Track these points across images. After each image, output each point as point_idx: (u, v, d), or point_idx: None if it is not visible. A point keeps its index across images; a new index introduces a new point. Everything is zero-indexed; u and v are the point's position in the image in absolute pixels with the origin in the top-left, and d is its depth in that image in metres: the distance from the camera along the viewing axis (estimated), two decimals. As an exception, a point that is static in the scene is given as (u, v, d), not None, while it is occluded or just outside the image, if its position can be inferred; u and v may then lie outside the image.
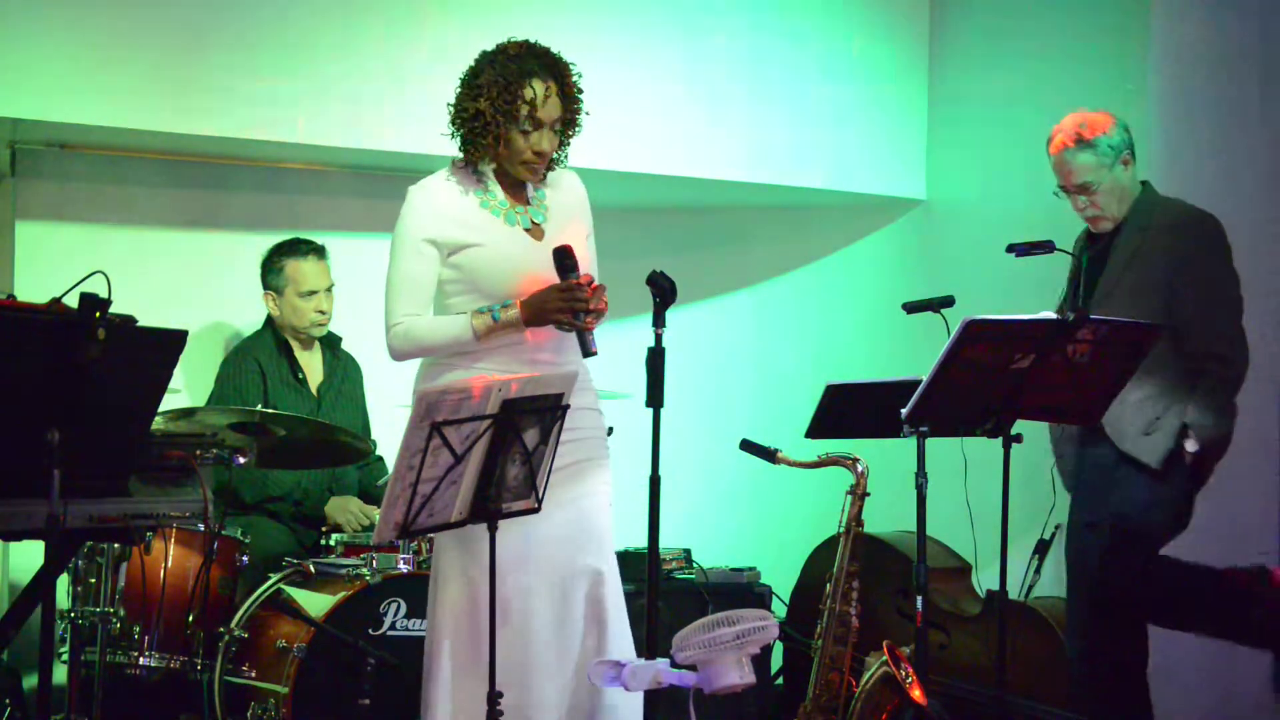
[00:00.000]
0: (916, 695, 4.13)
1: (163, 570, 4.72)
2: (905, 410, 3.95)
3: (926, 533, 4.06)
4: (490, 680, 3.49)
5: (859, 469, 4.66)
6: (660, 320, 3.68)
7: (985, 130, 6.23)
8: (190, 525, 4.62)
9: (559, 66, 3.86)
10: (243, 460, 4.52)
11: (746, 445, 4.72)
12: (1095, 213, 4.54)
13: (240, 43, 5.49)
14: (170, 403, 3.97)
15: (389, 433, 5.36)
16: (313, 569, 4.89)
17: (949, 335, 3.86)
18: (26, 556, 5.22)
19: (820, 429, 4.89)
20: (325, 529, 5.32)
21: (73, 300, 3.21)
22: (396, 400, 4.29)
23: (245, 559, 4.90)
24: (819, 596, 4.72)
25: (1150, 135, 5.39)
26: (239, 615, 4.77)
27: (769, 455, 4.67)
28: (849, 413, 4.86)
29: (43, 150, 5.71)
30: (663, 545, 3.88)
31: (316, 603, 4.70)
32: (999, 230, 4.84)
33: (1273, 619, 4.31)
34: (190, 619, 4.71)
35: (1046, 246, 4.52)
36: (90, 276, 3.24)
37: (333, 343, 5.68)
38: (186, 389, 5.67)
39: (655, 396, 3.65)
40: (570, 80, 3.87)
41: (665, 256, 4.70)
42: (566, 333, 3.77)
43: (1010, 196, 5.85)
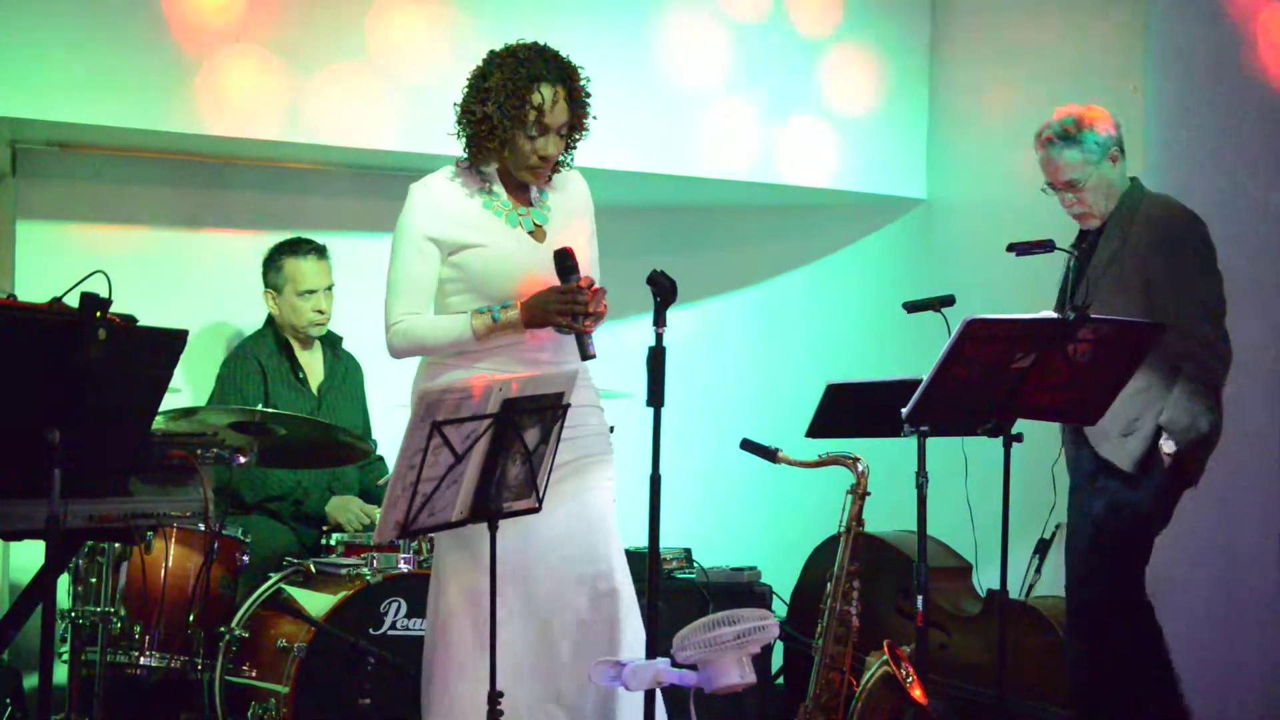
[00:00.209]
0: (917, 695, 4.13)
1: (163, 570, 4.72)
2: (906, 410, 3.95)
3: (927, 532, 4.06)
4: (491, 680, 3.48)
5: (859, 468, 4.66)
6: (661, 319, 3.67)
7: (986, 130, 6.23)
8: (191, 525, 4.62)
9: (568, 71, 3.85)
10: (243, 460, 4.52)
11: (747, 445, 4.72)
12: (1082, 210, 4.49)
13: (240, 42, 5.49)
14: (171, 402, 3.97)
15: (390, 432, 5.36)
16: (313, 568, 4.89)
17: (950, 334, 3.85)
18: (27, 556, 5.22)
19: (821, 428, 4.89)
20: (326, 528, 5.32)
21: (73, 300, 3.21)
22: (397, 400, 4.29)
23: (246, 559, 4.91)
24: (819, 596, 4.72)
25: (1149, 136, 5.38)
26: (239, 615, 4.77)
27: (770, 455, 4.67)
28: (850, 412, 4.85)
29: (43, 150, 5.71)
30: (663, 545, 3.87)
31: (317, 602, 4.70)
32: (1000, 229, 4.84)
33: None
34: (191, 618, 4.71)
35: (1047, 245, 4.51)
36: (91, 276, 3.24)
37: (333, 342, 5.68)
38: (188, 389, 5.67)
39: (656, 396, 3.64)
40: (579, 85, 3.86)
41: (666, 256, 4.70)
42: (566, 335, 3.78)
43: (1011, 196, 5.84)
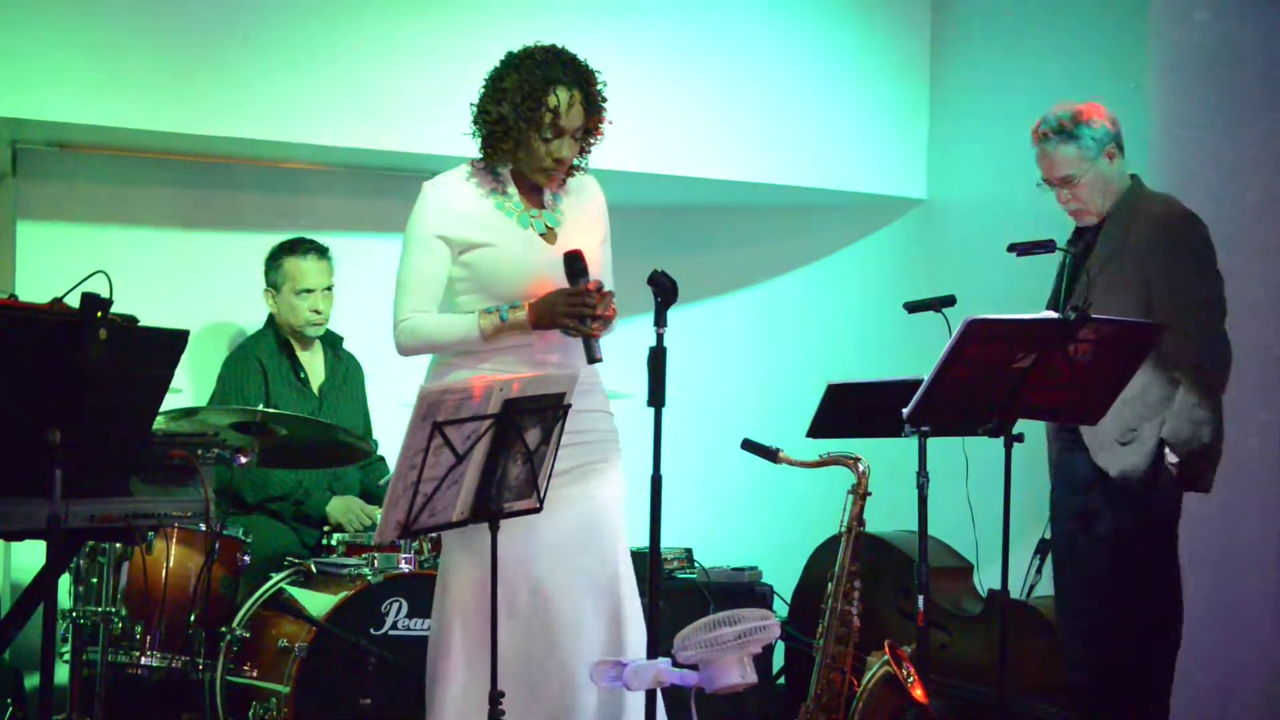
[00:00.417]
0: (918, 695, 4.13)
1: (164, 570, 4.72)
2: (907, 410, 3.94)
3: (928, 532, 4.06)
4: (492, 680, 3.48)
5: (860, 468, 4.66)
6: (662, 320, 3.66)
7: (986, 129, 6.23)
8: (192, 525, 4.62)
9: (585, 75, 3.84)
10: (244, 460, 4.52)
11: (748, 445, 4.72)
12: (1077, 206, 4.44)
13: (242, 42, 5.49)
14: (172, 403, 3.97)
15: (392, 433, 5.36)
16: (314, 569, 4.89)
17: (950, 334, 3.85)
18: (28, 556, 5.22)
19: (822, 428, 4.89)
20: (327, 529, 5.33)
21: (74, 300, 3.21)
22: (399, 400, 4.28)
23: (247, 559, 4.91)
24: (821, 596, 4.72)
25: (1150, 135, 5.38)
26: (241, 615, 4.77)
27: (770, 455, 4.67)
28: (850, 412, 4.85)
29: (44, 150, 5.71)
30: (664, 545, 3.87)
31: (318, 602, 4.70)
32: (1000, 229, 4.83)
33: None
34: (192, 619, 4.70)
35: (1048, 246, 4.50)
36: (92, 276, 3.24)
37: (334, 342, 5.68)
38: (189, 389, 5.67)
39: (657, 396, 3.63)
40: (595, 89, 3.85)
41: (666, 256, 4.69)
42: (573, 337, 3.78)
43: (1011, 196, 5.84)
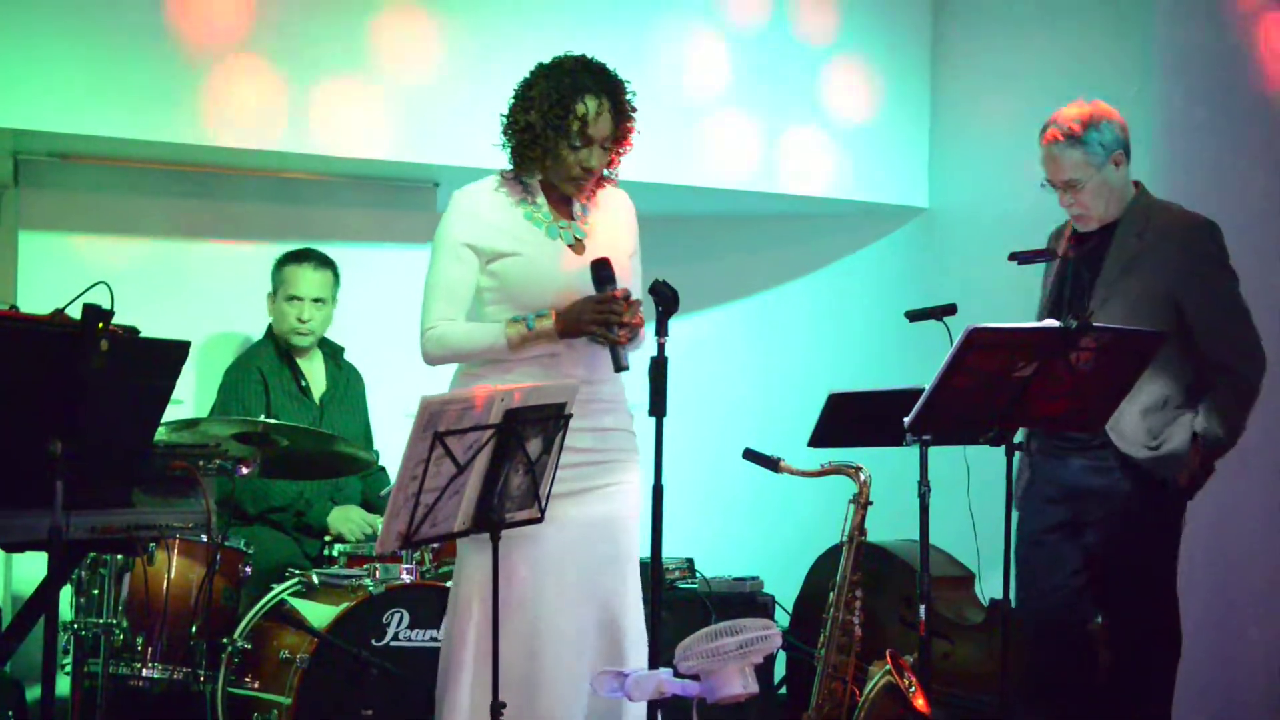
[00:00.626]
0: (920, 704, 4.12)
1: (166, 581, 4.71)
2: (908, 419, 3.94)
3: (929, 541, 4.06)
4: (494, 690, 3.48)
5: (862, 478, 4.65)
6: (663, 329, 3.65)
7: (987, 138, 6.24)
8: (193, 536, 4.61)
9: (614, 84, 3.85)
10: (246, 471, 4.52)
11: (749, 454, 4.71)
12: (1080, 211, 4.42)
13: (245, 53, 5.49)
14: (173, 414, 3.97)
15: (395, 443, 5.36)
16: (315, 579, 4.89)
17: (951, 343, 3.85)
18: (29, 568, 5.22)
19: (823, 438, 4.88)
20: (328, 539, 5.32)
21: (76, 311, 3.21)
22: (401, 410, 4.28)
23: (248, 570, 4.90)
24: (822, 605, 4.71)
25: (1152, 139, 5.38)
26: (242, 626, 4.77)
27: (772, 464, 4.66)
28: (852, 421, 4.85)
29: (45, 161, 5.72)
30: (666, 555, 3.86)
31: (319, 613, 4.69)
32: (1001, 238, 4.83)
33: None
34: (193, 630, 4.70)
35: (1049, 254, 4.51)
36: (93, 287, 3.24)
37: (335, 352, 5.67)
38: (192, 401, 5.67)
39: (658, 406, 3.63)
40: (624, 99, 3.85)
41: (668, 265, 4.68)
42: (601, 347, 3.75)
43: (1013, 204, 5.85)
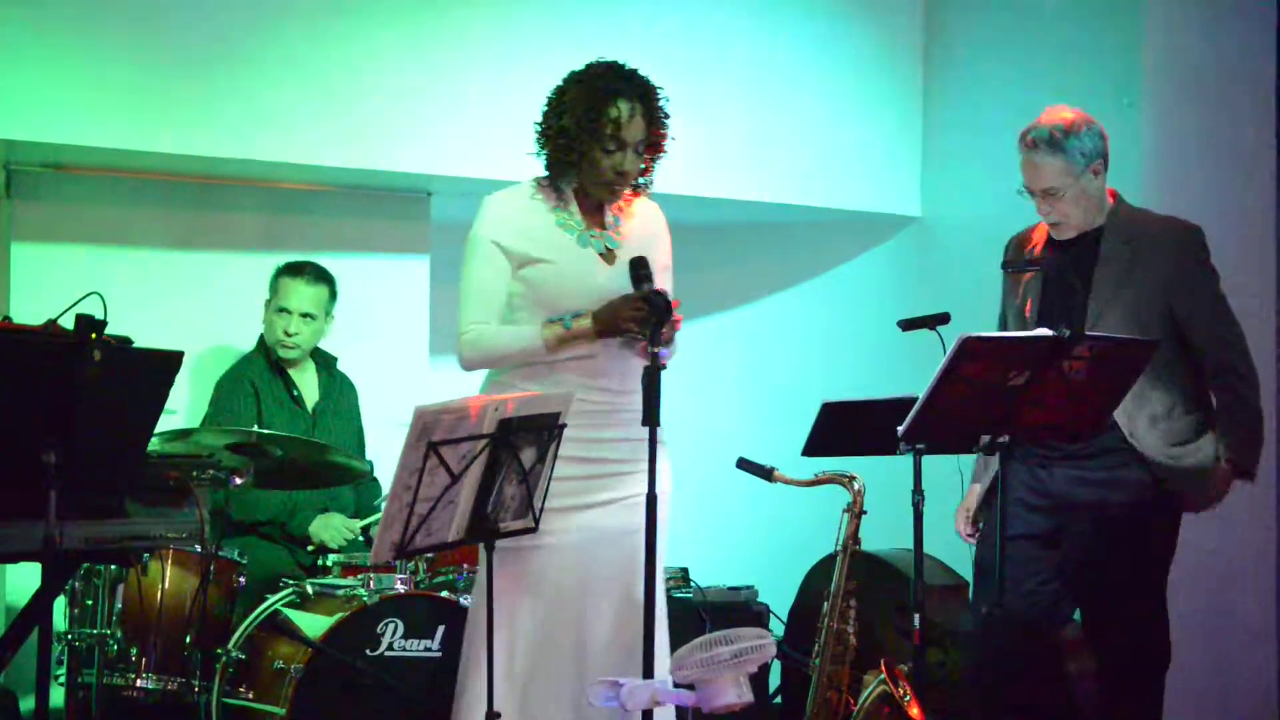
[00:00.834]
0: (914, 713, 4.12)
1: (160, 592, 4.71)
2: (902, 428, 3.94)
3: (924, 550, 4.06)
4: (488, 700, 3.48)
5: (856, 487, 4.64)
6: (656, 339, 3.66)
7: (980, 147, 6.23)
8: (187, 546, 4.61)
9: (646, 89, 3.85)
10: (239, 481, 4.51)
11: (743, 463, 4.71)
12: (1059, 219, 4.43)
13: (238, 63, 5.50)
14: (167, 424, 3.97)
15: (390, 453, 5.36)
16: (310, 590, 4.88)
17: (945, 352, 3.85)
18: (23, 578, 5.21)
19: (817, 447, 4.88)
20: (311, 548, 5.31)
21: (69, 322, 3.21)
22: (395, 420, 4.28)
23: (242, 580, 4.90)
24: (817, 615, 4.70)
25: (1144, 149, 5.39)
26: (236, 636, 4.76)
27: (766, 474, 4.66)
28: (845, 430, 4.85)
29: (38, 171, 5.71)
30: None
31: (314, 623, 4.69)
32: (994, 246, 4.83)
33: None
34: (188, 640, 4.70)
35: (1040, 263, 4.51)
36: (86, 298, 3.25)
37: (328, 363, 5.67)
38: (185, 411, 5.66)
39: (651, 415, 3.63)
40: (657, 104, 3.85)
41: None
42: (637, 357, 3.72)
43: (1005, 213, 5.80)
